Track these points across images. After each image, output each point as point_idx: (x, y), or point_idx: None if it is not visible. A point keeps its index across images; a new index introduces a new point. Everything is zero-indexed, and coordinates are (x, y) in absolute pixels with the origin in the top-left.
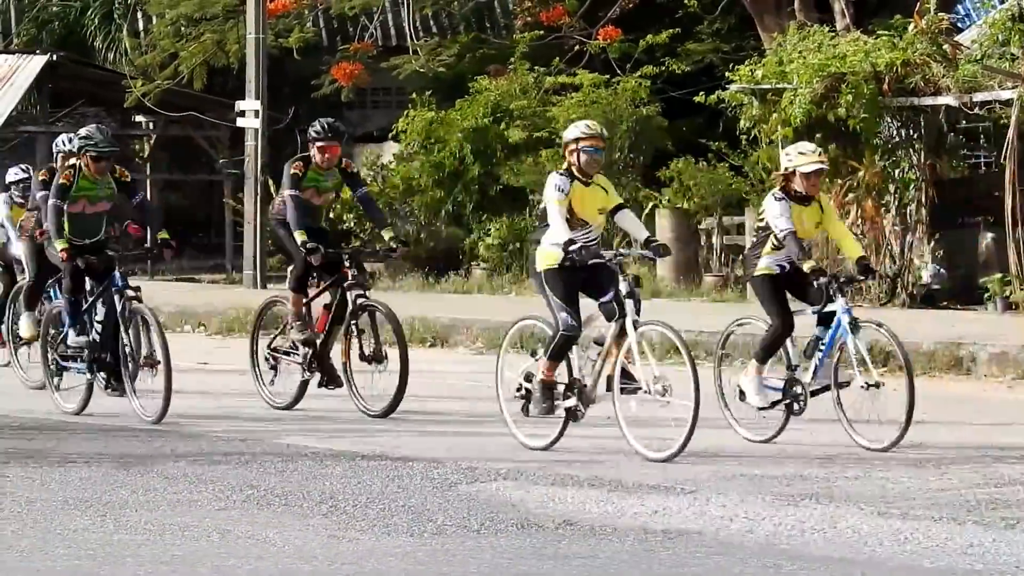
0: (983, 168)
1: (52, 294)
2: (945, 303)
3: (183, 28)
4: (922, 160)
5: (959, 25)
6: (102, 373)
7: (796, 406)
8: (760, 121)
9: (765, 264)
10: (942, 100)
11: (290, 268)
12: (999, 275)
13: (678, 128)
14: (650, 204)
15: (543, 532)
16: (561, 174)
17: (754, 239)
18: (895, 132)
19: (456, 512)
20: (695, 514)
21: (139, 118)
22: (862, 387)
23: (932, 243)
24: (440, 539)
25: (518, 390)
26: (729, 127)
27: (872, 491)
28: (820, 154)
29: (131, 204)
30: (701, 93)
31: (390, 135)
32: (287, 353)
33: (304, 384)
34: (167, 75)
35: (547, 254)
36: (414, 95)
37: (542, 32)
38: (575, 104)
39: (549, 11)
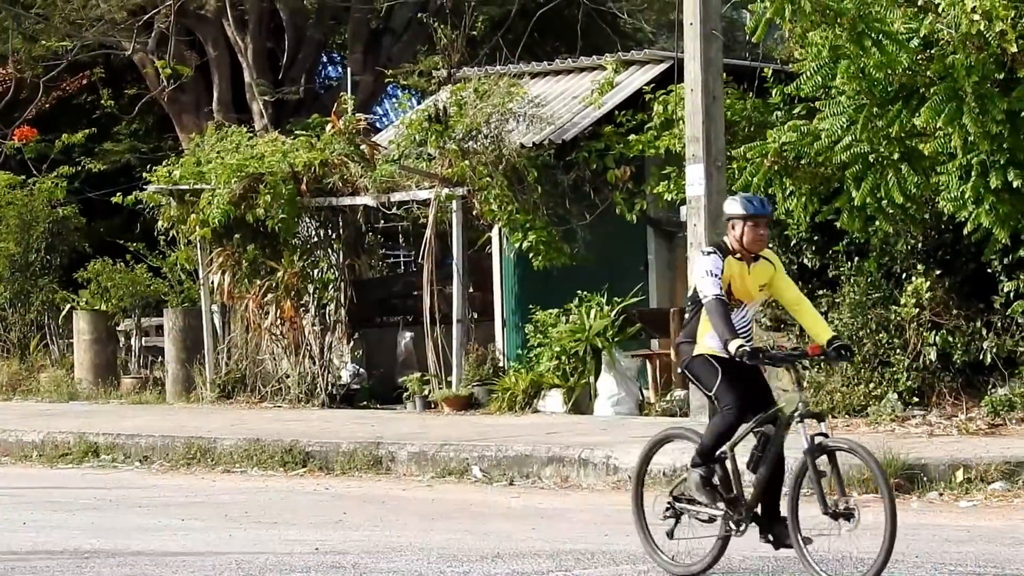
0: (402, 267)
1: None
2: (365, 403)
3: None
4: (341, 260)
5: (377, 125)
6: None
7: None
8: (179, 222)
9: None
10: (360, 200)
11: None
12: (418, 374)
13: (96, 229)
14: (67, 306)
15: None
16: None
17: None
18: (314, 232)
19: None
20: None
21: None
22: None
23: (351, 343)
24: None
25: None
26: (148, 228)
27: None
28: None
29: None
30: (119, 194)
31: None
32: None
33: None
34: None
35: None
36: None
37: None
38: None
39: None
